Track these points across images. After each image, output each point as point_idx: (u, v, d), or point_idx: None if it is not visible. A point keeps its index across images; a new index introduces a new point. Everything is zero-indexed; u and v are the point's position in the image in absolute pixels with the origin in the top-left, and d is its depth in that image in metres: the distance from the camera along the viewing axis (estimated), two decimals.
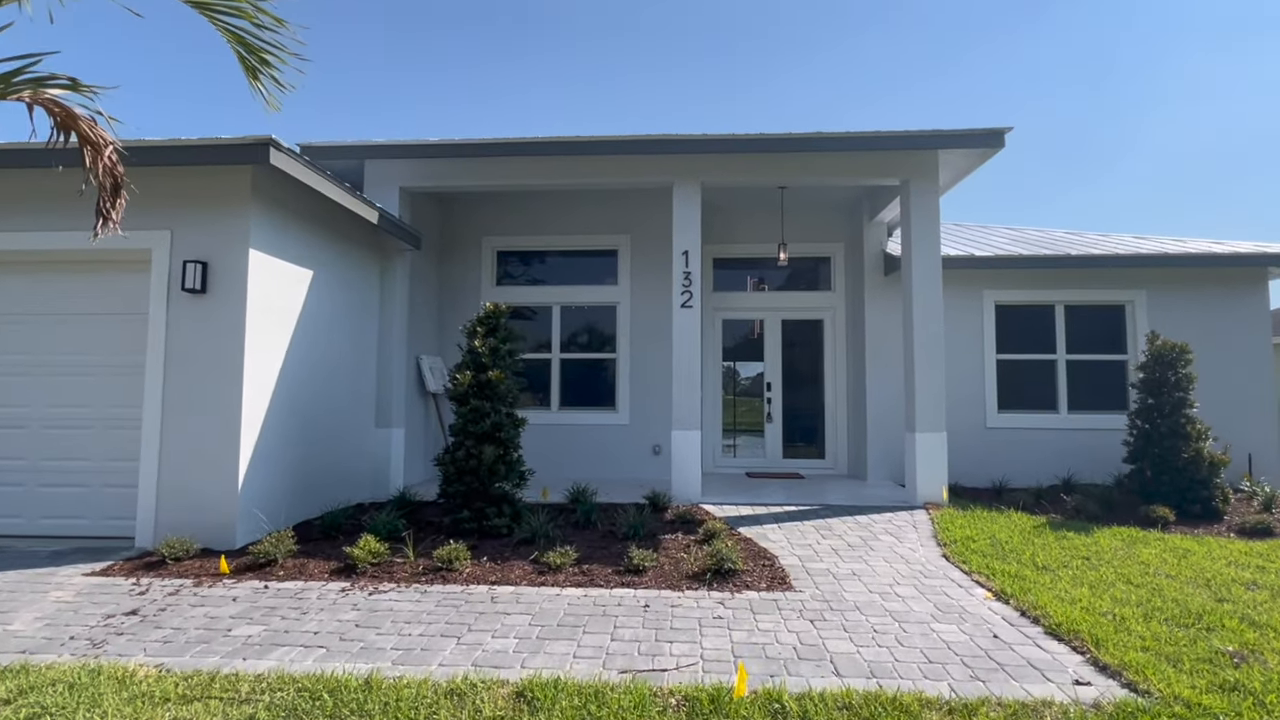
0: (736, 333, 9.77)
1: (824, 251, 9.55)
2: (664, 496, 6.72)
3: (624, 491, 7.53)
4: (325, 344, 6.49)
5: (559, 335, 9.20)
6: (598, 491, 6.86)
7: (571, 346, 9.32)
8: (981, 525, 6.09)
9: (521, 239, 9.32)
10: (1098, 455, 8.46)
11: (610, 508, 6.68)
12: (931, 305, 7.23)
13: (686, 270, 7.32)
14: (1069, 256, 8.54)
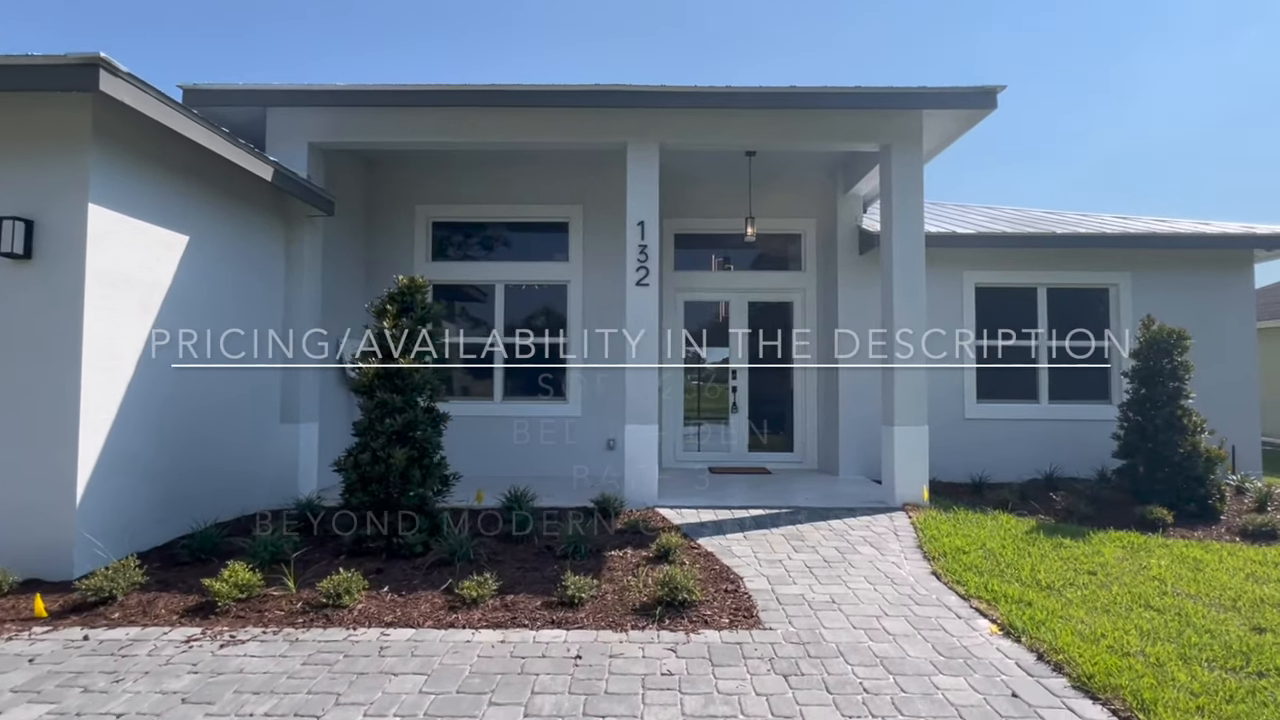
0: (700, 316, 8.91)
1: (794, 228, 8.72)
2: (615, 500, 5.84)
3: (573, 492, 6.63)
4: (209, 324, 5.37)
5: (503, 317, 8.18)
6: (540, 495, 5.94)
7: (517, 330, 8.32)
8: (969, 531, 5.38)
9: (460, 208, 8.23)
10: (1080, 447, 7.90)
11: (554, 514, 5.77)
12: (913, 285, 6.46)
13: (642, 243, 6.39)
14: (1056, 235, 7.89)
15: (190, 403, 5.14)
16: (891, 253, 6.50)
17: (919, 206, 6.52)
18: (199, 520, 5.04)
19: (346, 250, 7.68)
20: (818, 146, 6.79)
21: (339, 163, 7.46)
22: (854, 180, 7.82)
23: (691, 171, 8.33)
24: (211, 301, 5.41)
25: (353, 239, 7.85)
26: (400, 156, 7.91)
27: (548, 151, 7.73)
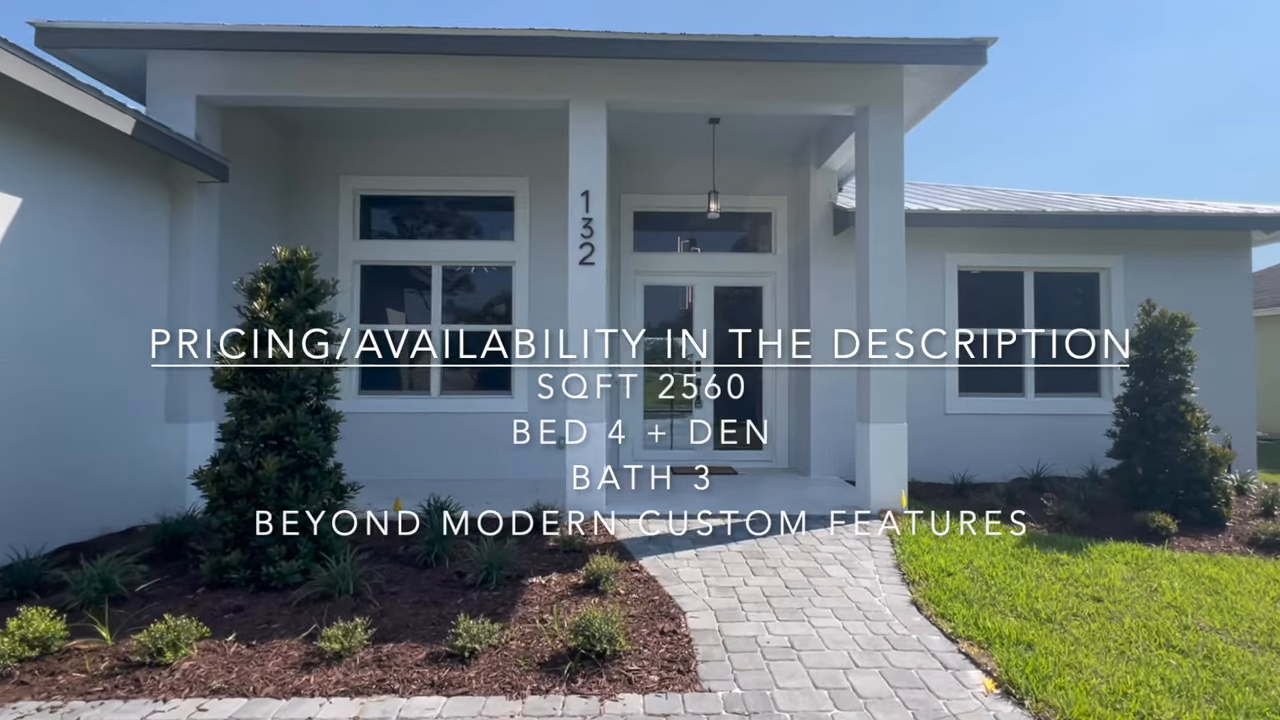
0: (662, 301, 8.09)
1: (765, 206, 7.93)
2: (551, 511, 5.02)
3: (514, 498, 5.80)
4: (55, 305, 4.44)
5: (440, 303, 7.28)
6: (474, 502, 5.10)
7: (456, 317, 7.44)
8: (954, 545, 4.66)
9: (392, 180, 7.30)
10: (1067, 443, 7.24)
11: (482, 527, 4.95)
12: (891, 267, 5.70)
13: (587, 216, 5.54)
14: (1046, 214, 7.18)
15: (25, 399, 4.20)
16: (868, 231, 5.73)
17: (898, 179, 5.76)
18: (45, 539, 4.12)
19: (259, 227, 6.73)
20: (787, 109, 5.98)
21: (248, 126, 6.49)
22: (828, 152, 7.04)
23: (651, 143, 7.49)
24: (61, 279, 4.47)
25: (268, 215, 6.89)
26: (321, 121, 6.95)
27: (489, 116, 6.83)
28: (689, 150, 7.43)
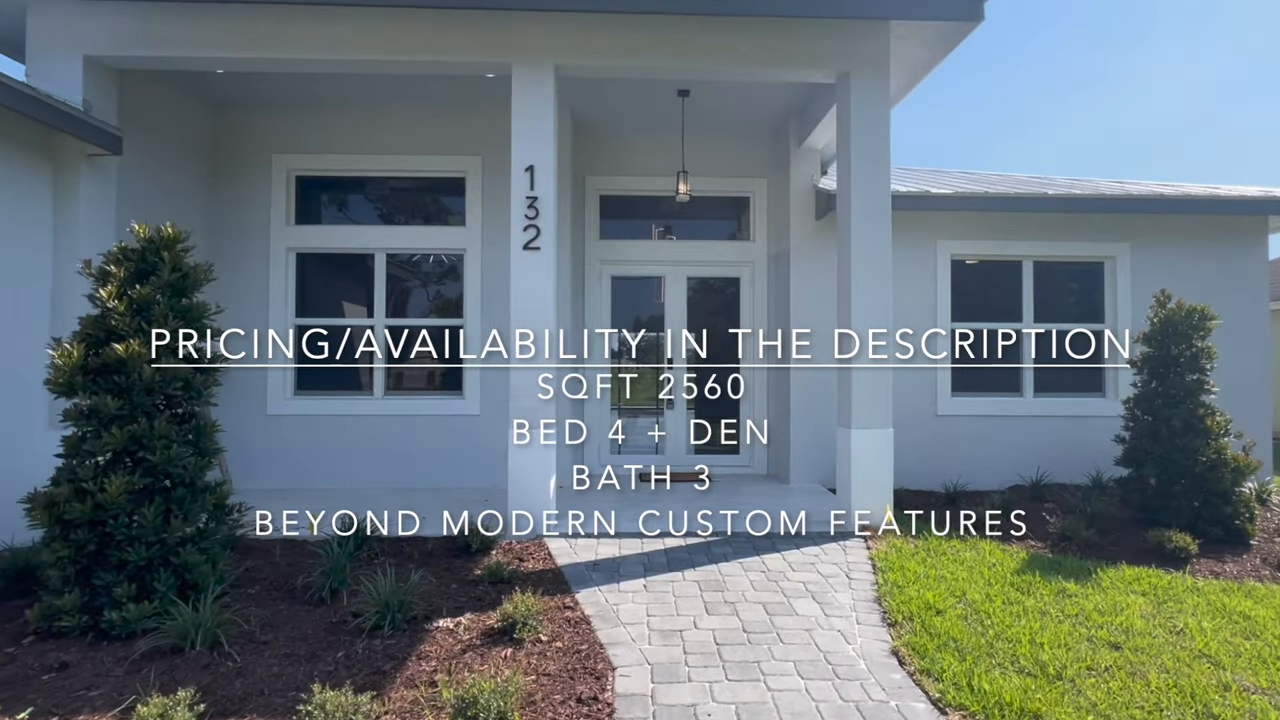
0: (630, 293, 7.41)
1: (742, 189, 7.24)
2: (484, 532, 4.36)
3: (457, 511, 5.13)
4: None
5: (384, 294, 6.58)
6: (402, 517, 4.44)
7: (402, 309, 6.75)
8: (944, 570, 4.01)
9: (330, 159, 6.58)
10: (1069, 447, 6.61)
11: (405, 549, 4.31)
12: (876, 254, 5.03)
13: (532, 195, 4.85)
14: (1048, 197, 6.51)
15: None
16: (850, 215, 5.05)
17: (884, 156, 5.08)
18: None
19: (182, 210, 5.99)
20: (760, 74, 5.28)
21: (163, 97, 5.78)
22: (809, 128, 6.34)
23: (618, 120, 6.80)
24: None
25: (191, 197, 6.18)
26: (249, 92, 6.22)
27: (436, 88, 6.12)
28: (660, 129, 6.73)
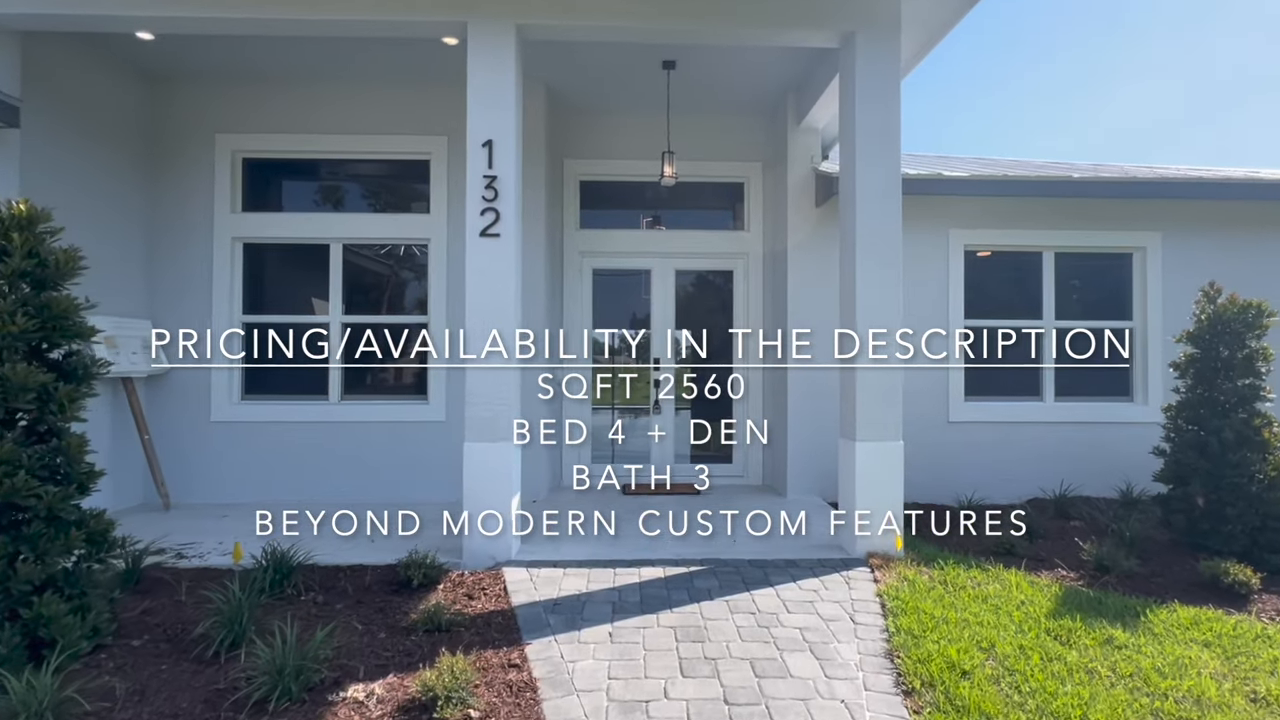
0: (614, 288, 6.77)
1: (735, 174, 6.59)
2: (432, 561, 3.73)
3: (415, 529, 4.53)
4: None
5: (340, 289, 5.94)
6: (358, 538, 3.82)
7: (360, 305, 6.11)
8: (967, 613, 3.37)
9: (281, 140, 5.93)
10: (1094, 456, 5.98)
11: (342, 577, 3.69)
12: (885, 242, 4.38)
13: (490, 174, 4.21)
14: (1073, 181, 5.85)
15: None
16: (854, 199, 4.40)
17: (894, 131, 4.42)
18: None
19: (115, 193, 5.39)
20: (755, 38, 4.62)
21: (90, 68, 5.16)
22: (809, 104, 5.69)
23: (599, 98, 6.15)
24: None
25: (130, 180, 5.55)
26: (188, 63, 5.58)
27: (397, 59, 5.48)
28: (645, 107, 6.07)
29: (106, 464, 5.24)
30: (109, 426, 5.26)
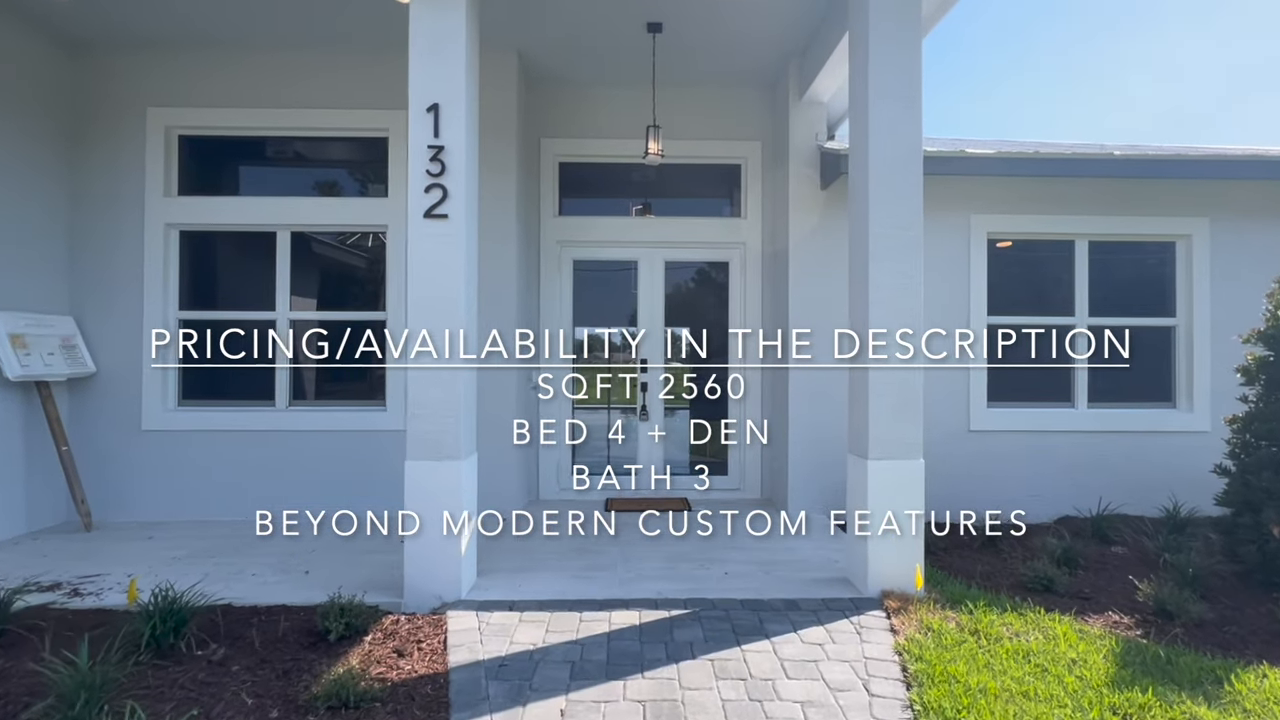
0: (596, 281, 6.09)
1: (731, 154, 5.89)
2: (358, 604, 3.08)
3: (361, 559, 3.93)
4: None
5: (288, 281, 5.28)
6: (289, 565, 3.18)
7: (311, 300, 5.45)
8: (1007, 680, 2.69)
9: (221, 115, 5.25)
10: (1132, 469, 5.29)
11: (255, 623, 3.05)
12: (903, 226, 3.68)
13: (436, 144, 3.53)
14: (1114, 158, 5.13)
15: None
16: (868, 176, 3.69)
17: (914, 94, 3.71)
18: None
19: (26, 179, 4.75)
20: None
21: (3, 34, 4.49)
22: (813, 74, 4.99)
23: (578, 68, 5.46)
24: None
25: (48, 160, 4.90)
26: (115, 28, 4.91)
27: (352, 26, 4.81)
28: (631, 79, 5.38)
29: (19, 479, 4.70)
30: (21, 437, 4.63)
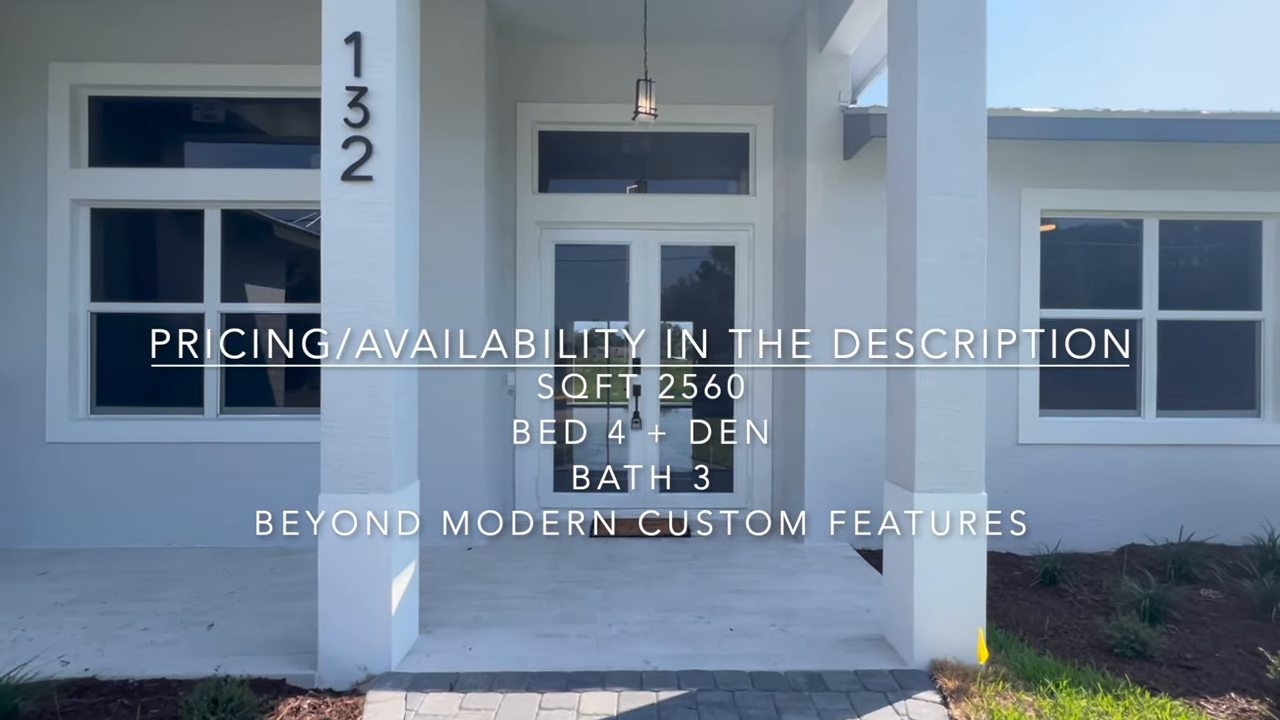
0: (583, 268, 5.28)
1: (738, 122, 5.04)
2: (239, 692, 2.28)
3: (272, 605, 3.15)
4: None
5: (219, 267, 4.48)
6: (205, 609, 2.39)
7: (242, 291, 4.64)
8: None
9: (138, 71, 4.43)
10: (1208, 489, 4.47)
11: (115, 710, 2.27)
12: (961, 188, 2.84)
13: (357, 85, 2.70)
14: (1200, 118, 4.23)
15: None
16: (916, 133, 2.85)
17: (974, 25, 2.85)
18: None
19: None
20: None
21: None
22: (835, 19, 4.13)
23: (561, 20, 4.63)
24: None
25: None
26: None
27: None
28: (622, 34, 4.55)
29: None
30: None
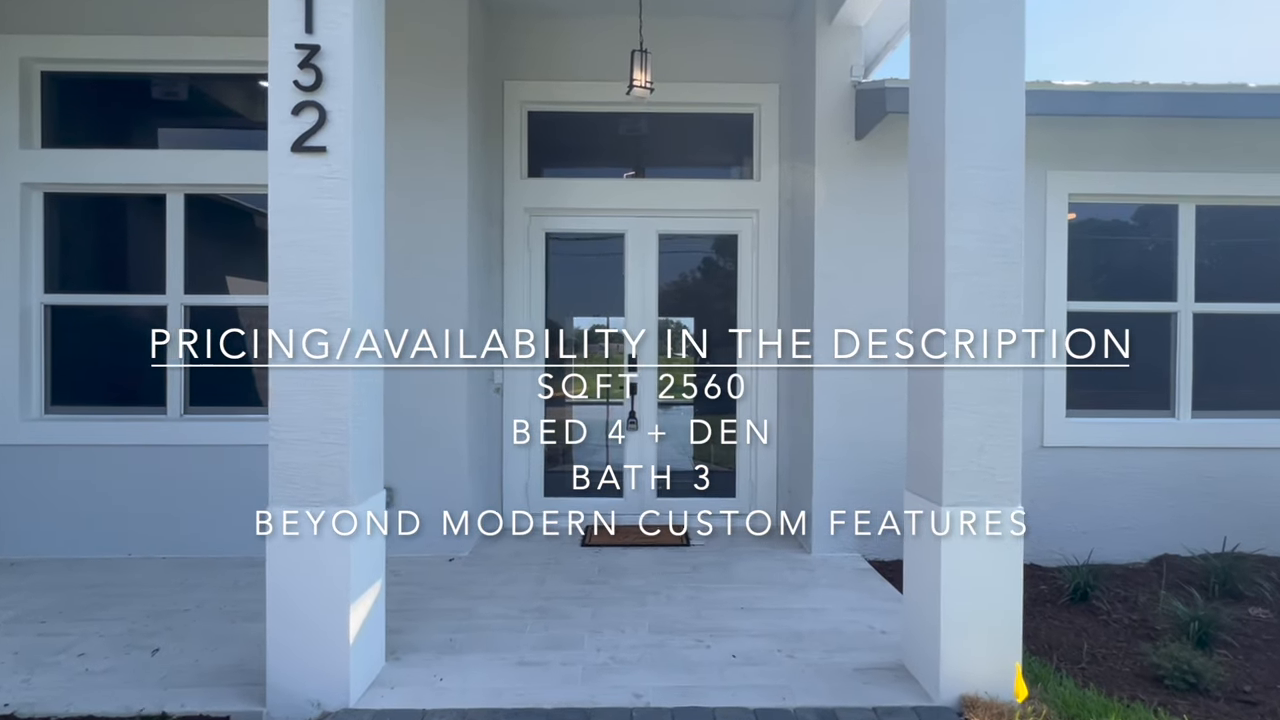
0: (576, 258, 4.94)
1: (741, 101, 4.69)
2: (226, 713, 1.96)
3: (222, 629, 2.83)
4: None
5: (182, 257, 4.14)
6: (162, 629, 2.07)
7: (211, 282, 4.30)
8: None
9: (93, 45, 4.09)
10: (1248, 497, 4.14)
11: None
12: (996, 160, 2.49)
13: (308, 42, 2.38)
14: (1248, 92, 3.87)
15: None
16: (944, 99, 2.49)
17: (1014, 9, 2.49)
18: None
19: None
20: None
21: None
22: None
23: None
24: None
25: None
26: None
27: None
28: (617, 7, 4.20)
29: None
30: None
